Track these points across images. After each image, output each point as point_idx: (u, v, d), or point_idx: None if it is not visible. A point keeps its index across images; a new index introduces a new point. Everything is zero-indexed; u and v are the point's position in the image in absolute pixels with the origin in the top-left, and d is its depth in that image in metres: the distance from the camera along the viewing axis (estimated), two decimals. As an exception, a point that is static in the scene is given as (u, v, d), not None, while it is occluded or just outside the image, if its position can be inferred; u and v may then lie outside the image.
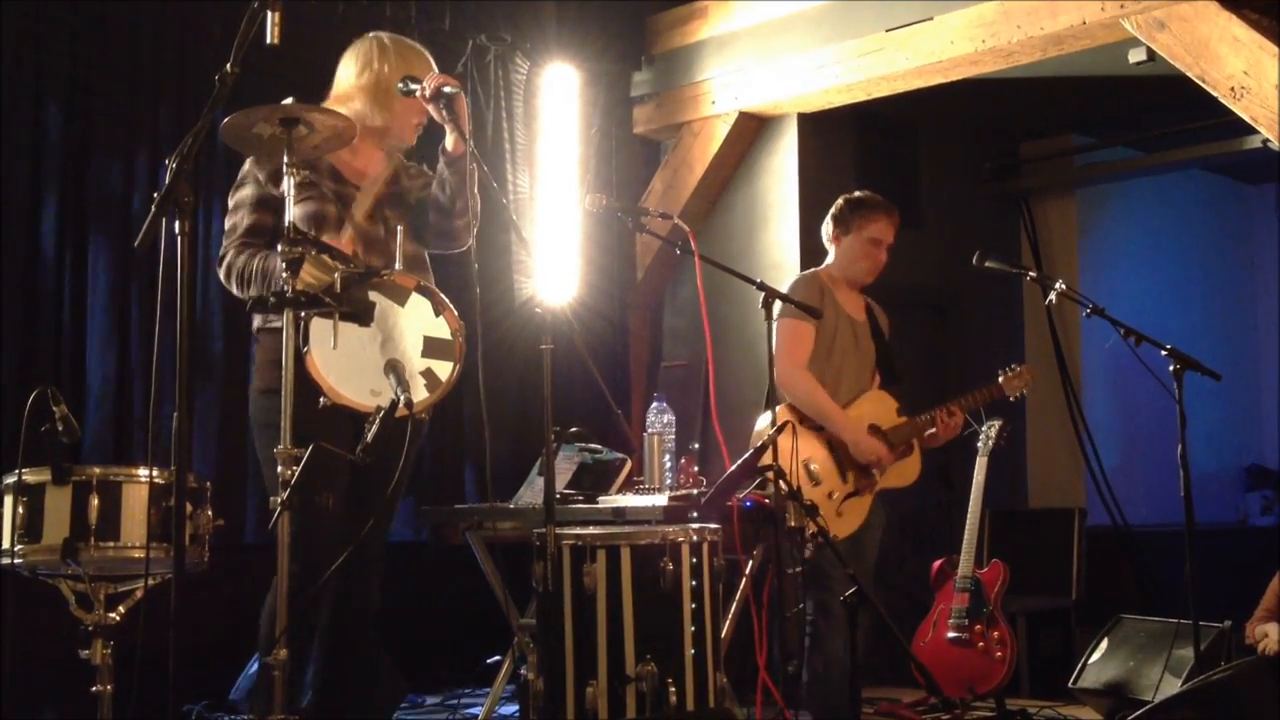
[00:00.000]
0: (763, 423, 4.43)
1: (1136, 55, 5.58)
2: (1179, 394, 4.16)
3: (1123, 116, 7.41)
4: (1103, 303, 4.37)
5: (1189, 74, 5.06)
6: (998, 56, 5.69)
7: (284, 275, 3.03)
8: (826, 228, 4.70)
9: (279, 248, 3.07)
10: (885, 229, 4.61)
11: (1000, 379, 4.79)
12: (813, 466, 4.36)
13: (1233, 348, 8.79)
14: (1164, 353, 4.18)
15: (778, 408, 4.37)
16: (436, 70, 3.77)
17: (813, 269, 4.73)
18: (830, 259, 4.68)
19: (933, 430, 4.54)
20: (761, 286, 3.91)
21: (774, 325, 4.03)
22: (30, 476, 3.19)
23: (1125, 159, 7.90)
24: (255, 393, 3.67)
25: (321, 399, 3.19)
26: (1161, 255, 8.65)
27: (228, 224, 3.66)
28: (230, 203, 3.68)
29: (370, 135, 3.74)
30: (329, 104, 3.74)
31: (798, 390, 4.41)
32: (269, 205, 3.59)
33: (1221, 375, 4.28)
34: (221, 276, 3.64)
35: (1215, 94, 4.99)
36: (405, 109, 3.71)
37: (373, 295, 3.27)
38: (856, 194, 4.72)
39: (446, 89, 3.56)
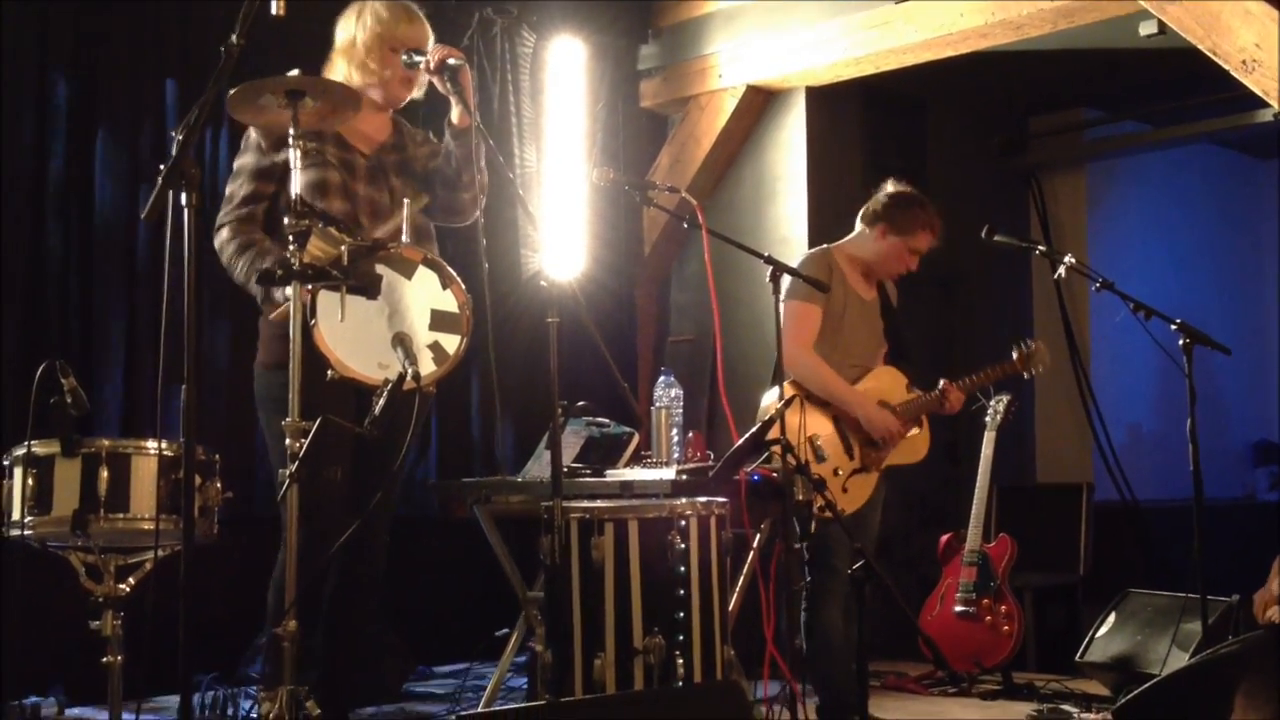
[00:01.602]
0: (769, 399, 4.41)
1: (1147, 28, 5.55)
2: (1188, 369, 4.15)
3: (1133, 90, 7.37)
4: (1112, 277, 4.35)
5: (1200, 47, 5.02)
6: (1007, 29, 5.66)
7: (291, 250, 3.02)
8: (873, 213, 4.52)
9: (284, 221, 3.06)
10: (929, 240, 4.55)
11: (1014, 355, 4.70)
12: (819, 443, 4.33)
13: (1242, 323, 8.76)
14: (1173, 327, 4.17)
15: (784, 383, 4.35)
16: (430, 30, 3.75)
17: (824, 246, 4.64)
18: (856, 237, 4.57)
19: (945, 403, 4.51)
20: (769, 260, 3.88)
21: (781, 301, 4.00)
22: (39, 448, 3.21)
23: (1135, 133, 7.86)
24: (261, 367, 3.66)
25: (329, 372, 3.19)
26: (1171, 230, 8.62)
27: (227, 190, 3.66)
28: (234, 168, 3.68)
29: (371, 99, 3.72)
30: (326, 69, 3.73)
31: (805, 371, 4.38)
32: (269, 174, 3.57)
33: (1230, 350, 4.27)
34: (215, 245, 3.63)
35: (1226, 67, 4.96)
36: (392, 73, 3.68)
37: (380, 268, 3.26)
38: (914, 194, 4.58)
39: (451, 61, 3.54)
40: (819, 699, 4.31)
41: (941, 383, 4.50)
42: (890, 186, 4.60)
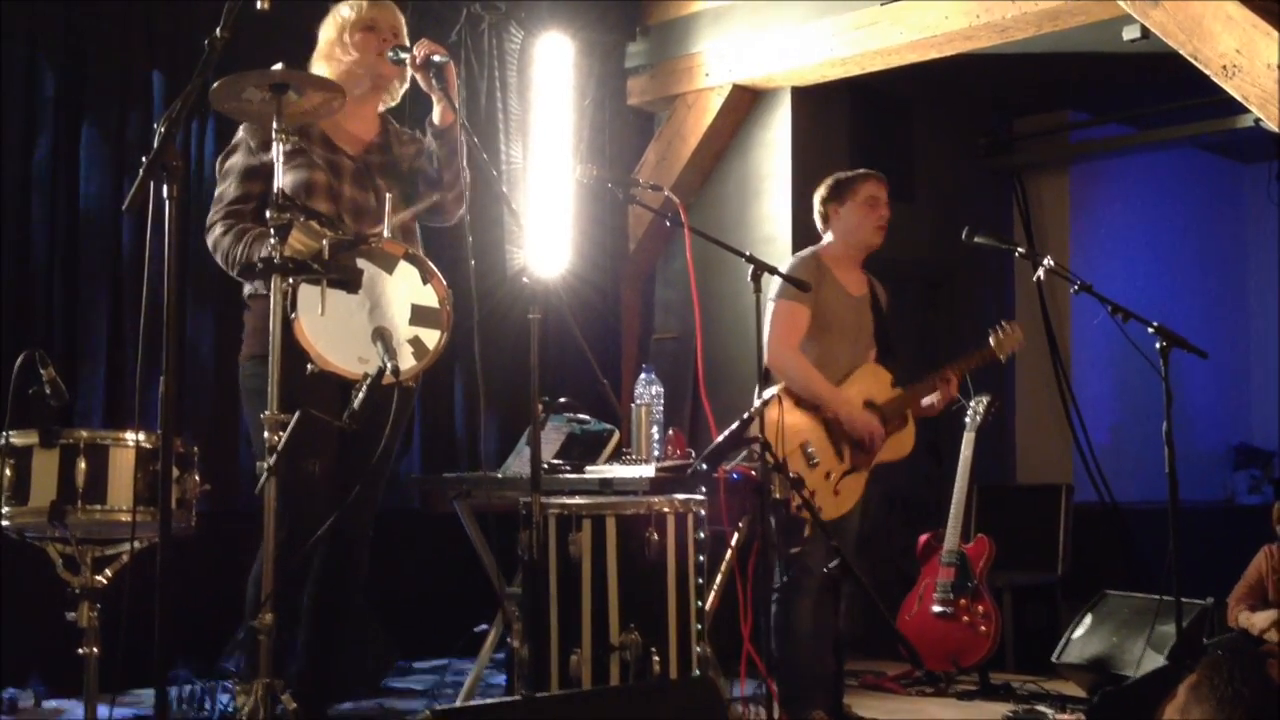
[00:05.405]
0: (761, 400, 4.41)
1: (1131, 32, 5.58)
2: (1165, 371, 4.17)
3: (1117, 93, 7.41)
4: (1095, 280, 4.36)
5: (1181, 51, 5.05)
6: (992, 31, 5.68)
7: (272, 244, 3.03)
8: (818, 207, 4.63)
9: (267, 214, 3.07)
10: (876, 187, 4.57)
11: (990, 340, 4.75)
12: (810, 449, 4.33)
13: (1224, 326, 8.81)
14: (1151, 330, 4.19)
15: (776, 388, 4.34)
16: (399, 12, 3.77)
17: (811, 249, 4.67)
18: (829, 237, 4.61)
19: (929, 400, 4.53)
20: (750, 259, 3.89)
21: (763, 299, 4.01)
22: (18, 439, 3.20)
23: (1119, 136, 7.90)
24: (244, 359, 3.67)
25: (309, 366, 3.20)
26: (1154, 233, 8.66)
27: (216, 192, 3.66)
28: (221, 169, 3.68)
29: (359, 96, 3.73)
30: (312, 64, 3.74)
31: (790, 372, 4.38)
32: (257, 174, 3.58)
33: (1208, 353, 4.28)
34: (209, 245, 3.64)
35: (1207, 72, 4.99)
36: (373, 53, 3.68)
37: (361, 262, 3.27)
38: (838, 174, 4.69)
39: (436, 57, 3.55)
40: (781, 690, 4.28)
41: (945, 369, 4.54)
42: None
